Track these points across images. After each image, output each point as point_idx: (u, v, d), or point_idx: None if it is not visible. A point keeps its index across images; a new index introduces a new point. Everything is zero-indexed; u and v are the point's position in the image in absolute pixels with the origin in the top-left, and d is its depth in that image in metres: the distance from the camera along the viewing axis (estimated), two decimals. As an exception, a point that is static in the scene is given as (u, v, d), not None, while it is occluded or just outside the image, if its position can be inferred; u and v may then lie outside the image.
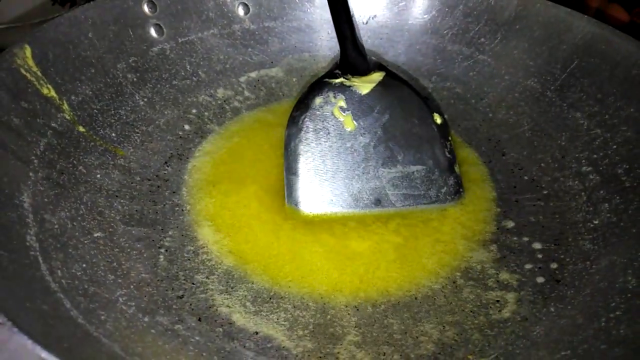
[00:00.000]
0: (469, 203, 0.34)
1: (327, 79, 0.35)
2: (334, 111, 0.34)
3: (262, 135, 0.38)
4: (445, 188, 0.34)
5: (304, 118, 0.34)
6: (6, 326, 0.19)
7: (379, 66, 0.36)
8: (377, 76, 0.35)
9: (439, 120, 0.35)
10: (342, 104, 0.34)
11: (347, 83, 0.35)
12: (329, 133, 0.34)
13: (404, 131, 0.34)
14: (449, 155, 0.34)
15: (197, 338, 0.26)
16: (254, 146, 0.37)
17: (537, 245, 0.32)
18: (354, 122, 0.34)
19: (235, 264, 0.30)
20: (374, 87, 0.35)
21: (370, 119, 0.34)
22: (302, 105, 0.34)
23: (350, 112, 0.34)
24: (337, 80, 0.35)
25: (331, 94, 0.34)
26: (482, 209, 0.34)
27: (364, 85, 0.35)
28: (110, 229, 0.30)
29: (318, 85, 0.35)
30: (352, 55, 0.36)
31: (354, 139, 0.34)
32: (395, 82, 0.35)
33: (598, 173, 0.33)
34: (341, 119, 0.34)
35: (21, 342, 0.19)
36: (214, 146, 0.37)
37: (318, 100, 0.34)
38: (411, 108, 0.35)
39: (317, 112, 0.34)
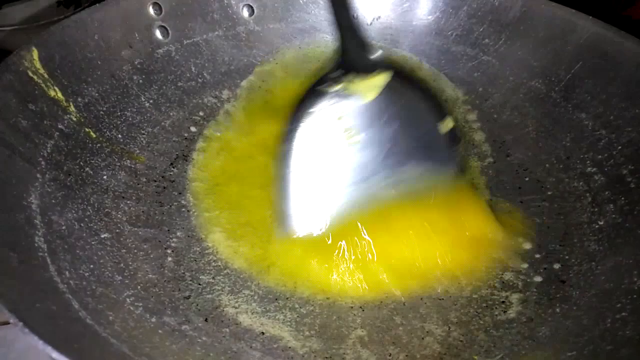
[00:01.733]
0: (473, 204, 0.34)
1: (324, 87, 0.31)
2: (335, 124, 0.30)
3: (268, 136, 0.38)
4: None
5: (296, 133, 0.30)
6: (15, 326, 0.20)
7: (384, 65, 0.32)
8: (383, 78, 0.31)
9: (449, 125, 0.32)
10: (344, 114, 0.30)
11: (348, 90, 0.30)
12: (326, 150, 0.31)
13: (413, 142, 0.31)
14: (457, 166, 0.33)
15: (204, 338, 0.27)
16: (260, 147, 0.37)
17: (542, 246, 0.32)
18: (358, 134, 0.30)
19: (241, 264, 0.30)
20: (380, 93, 0.31)
21: (377, 130, 0.30)
22: (294, 118, 0.31)
23: (353, 123, 0.30)
24: (337, 88, 0.30)
25: (330, 104, 0.30)
26: (487, 211, 0.34)
27: (368, 91, 0.30)
28: (117, 230, 0.30)
29: (314, 94, 0.31)
30: (353, 50, 0.31)
31: (356, 154, 0.31)
32: (403, 84, 0.31)
33: (603, 174, 0.33)
34: (343, 132, 0.30)
35: (29, 342, 0.20)
36: (219, 147, 0.37)
37: (315, 112, 0.30)
38: (420, 114, 0.31)
39: (313, 126, 0.30)
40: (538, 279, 0.30)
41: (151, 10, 0.38)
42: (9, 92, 0.29)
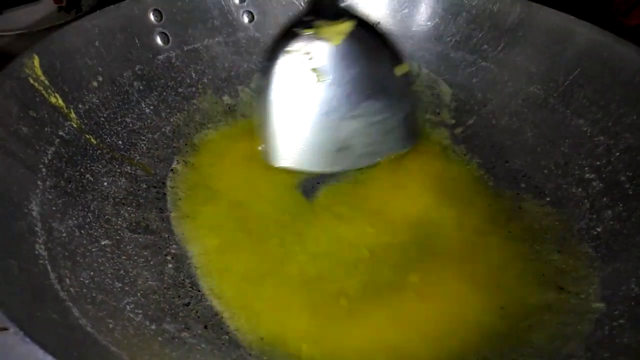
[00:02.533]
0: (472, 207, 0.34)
1: (297, 29, 0.35)
2: (305, 62, 0.34)
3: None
4: (403, 136, 0.37)
5: (274, 68, 0.35)
6: (15, 333, 0.20)
7: (350, 14, 0.36)
8: (348, 26, 0.35)
9: (404, 69, 0.36)
10: (313, 55, 0.34)
11: (318, 34, 0.35)
12: (299, 84, 0.35)
13: (372, 82, 0.35)
14: (409, 104, 0.37)
15: (203, 345, 0.27)
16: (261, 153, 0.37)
17: (539, 252, 0.32)
18: (324, 74, 0.35)
19: (240, 271, 0.31)
20: (345, 39, 0.35)
21: (340, 71, 0.35)
22: (273, 55, 0.35)
23: (320, 63, 0.35)
24: (308, 31, 0.35)
25: (302, 45, 0.35)
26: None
27: (335, 37, 0.34)
28: (117, 237, 0.31)
29: (288, 35, 0.35)
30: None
31: (323, 91, 0.35)
32: (366, 32, 0.36)
33: (601, 180, 0.33)
34: (311, 71, 0.35)
35: (28, 349, 0.20)
36: (220, 154, 0.38)
37: (288, 51, 0.35)
38: (379, 59, 0.36)
39: (288, 63, 0.35)
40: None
41: (151, 17, 0.39)
42: (10, 99, 0.30)
